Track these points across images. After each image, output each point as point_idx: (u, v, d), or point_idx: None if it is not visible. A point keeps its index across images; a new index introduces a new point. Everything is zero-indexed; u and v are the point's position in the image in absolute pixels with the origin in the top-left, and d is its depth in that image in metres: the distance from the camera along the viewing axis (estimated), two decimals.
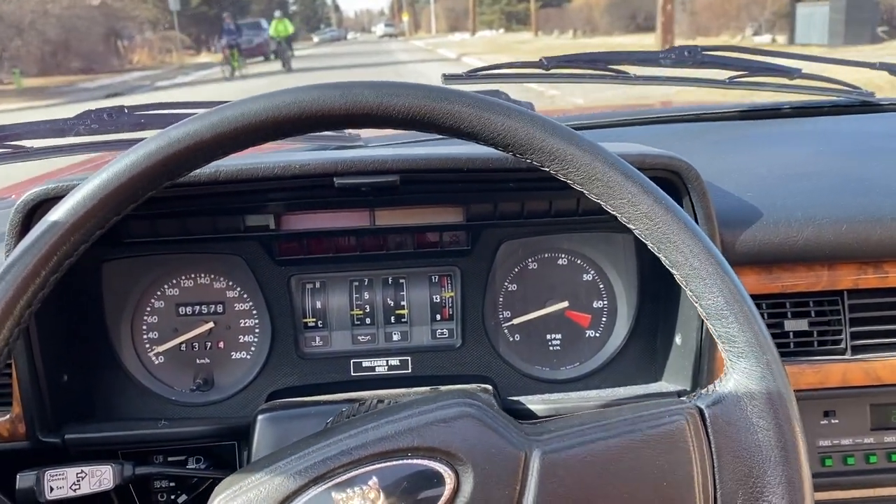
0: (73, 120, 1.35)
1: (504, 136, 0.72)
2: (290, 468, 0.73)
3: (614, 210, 0.73)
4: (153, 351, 1.30)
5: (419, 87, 0.72)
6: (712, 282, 0.71)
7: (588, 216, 1.28)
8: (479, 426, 0.73)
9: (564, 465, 0.72)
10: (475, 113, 0.71)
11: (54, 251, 0.68)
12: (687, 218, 0.73)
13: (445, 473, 0.72)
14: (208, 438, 1.21)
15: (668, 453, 0.72)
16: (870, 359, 1.23)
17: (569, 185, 0.74)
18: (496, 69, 1.57)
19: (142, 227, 1.23)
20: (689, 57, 1.61)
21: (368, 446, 0.72)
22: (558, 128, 0.72)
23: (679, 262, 0.72)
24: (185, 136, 0.69)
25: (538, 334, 1.35)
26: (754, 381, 0.71)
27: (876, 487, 1.31)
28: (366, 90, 0.70)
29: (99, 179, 0.69)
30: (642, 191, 0.72)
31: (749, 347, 0.71)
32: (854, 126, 1.74)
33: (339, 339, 1.32)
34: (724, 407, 0.72)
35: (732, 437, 0.71)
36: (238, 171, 1.09)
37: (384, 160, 1.12)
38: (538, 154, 0.72)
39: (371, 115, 0.71)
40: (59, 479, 1.07)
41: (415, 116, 0.71)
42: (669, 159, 1.13)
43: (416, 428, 0.73)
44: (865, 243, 1.20)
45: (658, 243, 0.73)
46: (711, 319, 0.72)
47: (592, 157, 0.72)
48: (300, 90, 0.71)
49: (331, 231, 1.28)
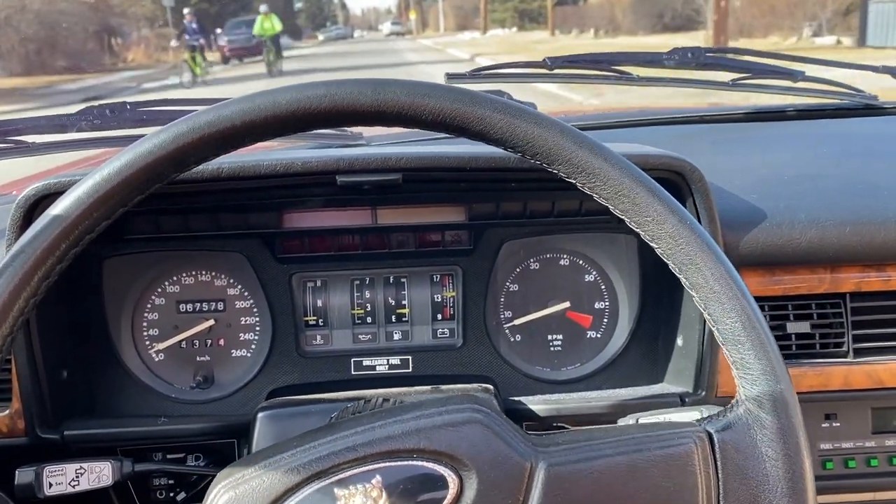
0: (74, 115, 1.35)
1: (533, 144, 0.71)
2: (294, 461, 0.72)
3: (638, 227, 0.73)
4: (153, 348, 1.30)
5: (451, 90, 0.71)
6: (731, 307, 0.71)
7: (590, 216, 1.28)
8: (486, 433, 0.73)
9: (569, 479, 0.71)
10: (505, 119, 0.70)
11: (61, 241, 0.68)
12: (711, 241, 0.73)
13: (449, 478, 0.72)
14: (208, 436, 1.21)
15: (675, 476, 0.71)
16: (872, 362, 1.23)
17: (594, 197, 0.74)
18: (499, 69, 1.57)
19: (143, 223, 1.23)
20: (692, 58, 1.61)
21: (374, 444, 0.72)
22: (587, 140, 0.72)
23: (700, 284, 0.72)
24: (214, 121, 0.69)
25: (539, 335, 1.35)
26: (766, 410, 0.71)
27: (877, 491, 1.30)
28: (399, 88, 0.70)
29: (109, 169, 0.69)
30: (669, 210, 0.72)
31: (763, 376, 0.71)
32: (857, 129, 1.74)
33: (339, 338, 1.32)
34: (734, 433, 0.72)
35: (740, 464, 0.71)
36: (241, 168, 1.09)
37: (387, 158, 1.11)
38: (566, 165, 0.72)
39: (402, 114, 0.70)
40: (57, 475, 1.06)
41: (445, 119, 0.70)
42: (673, 160, 1.13)
43: (423, 430, 0.73)
44: (869, 246, 1.19)
45: (680, 264, 0.72)
46: (727, 345, 0.72)
47: (621, 173, 0.72)
48: (330, 84, 0.70)
49: (333, 229, 1.28)
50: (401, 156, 1.12)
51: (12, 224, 1.07)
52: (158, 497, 1.26)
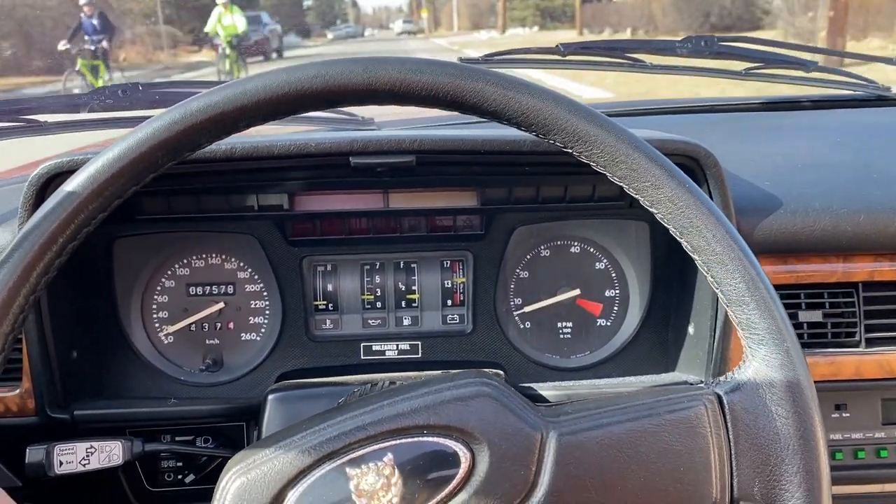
0: (87, 95, 1.35)
1: (528, 115, 0.71)
2: (305, 443, 0.72)
3: (637, 193, 0.73)
4: (163, 330, 1.30)
5: (444, 64, 0.71)
6: (734, 267, 0.70)
7: (602, 202, 1.27)
8: (495, 406, 0.73)
9: (581, 448, 0.71)
10: (499, 91, 0.70)
11: (72, 219, 0.67)
12: (710, 203, 0.72)
13: (461, 452, 0.71)
14: (217, 418, 1.21)
15: (686, 439, 0.71)
16: (884, 352, 1.23)
17: (591, 166, 0.73)
18: (512, 54, 1.56)
19: (155, 203, 1.23)
20: (705, 47, 1.60)
21: (384, 422, 0.72)
22: (582, 108, 0.71)
23: (701, 247, 0.71)
24: (206, 107, 0.69)
25: (549, 322, 1.34)
26: (774, 368, 0.70)
27: (886, 482, 1.30)
28: (389, 65, 0.69)
29: (119, 148, 0.69)
30: (666, 174, 0.71)
31: (769, 334, 0.70)
32: (870, 119, 1.73)
33: (349, 323, 1.32)
34: (743, 394, 0.72)
35: (750, 424, 0.71)
36: (254, 149, 1.09)
37: (401, 140, 1.11)
38: (561, 134, 0.71)
39: (394, 90, 0.70)
40: (68, 454, 1.06)
41: (438, 93, 0.70)
42: (688, 145, 1.12)
43: (432, 406, 0.72)
44: (882, 235, 1.19)
45: (681, 228, 0.72)
46: (732, 306, 0.72)
47: (617, 139, 0.71)
48: (323, 64, 0.70)
49: (344, 212, 1.28)
50: (414, 138, 1.11)
51: (25, 202, 1.07)
52: (167, 479, 1.26)
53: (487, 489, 0.70)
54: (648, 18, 29.52)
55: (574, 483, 0.71)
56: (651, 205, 0.72)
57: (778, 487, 0.70)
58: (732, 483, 0.71)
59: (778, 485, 0.69)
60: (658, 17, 28.52)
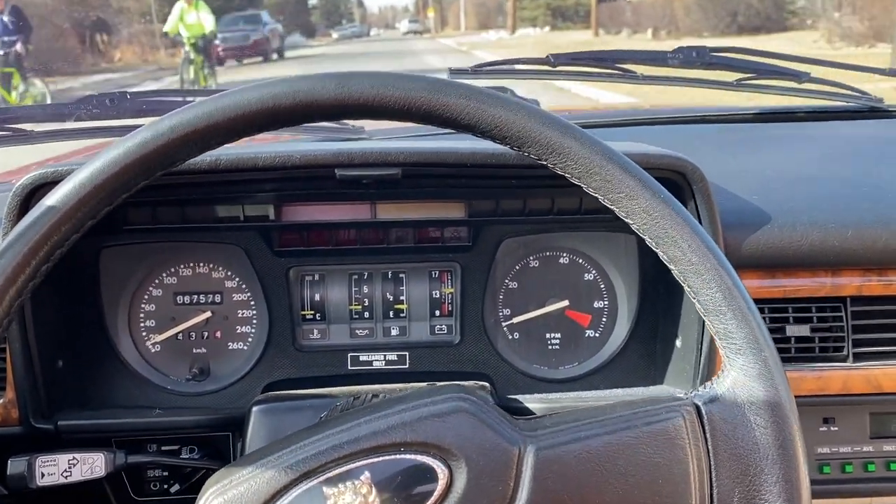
0: (73, 104, 1.35)
1: (501, 128, 0.71)
2: (282, 462, 0.72)
3: (612, 204, 0.72)
4: (150, 339, 1.29)
5: (416, 79, 0.71)
6: (710, 277, 0.70)
7: (590, 215, 1.27)
8: (473, 421, 0.72)
9: (559, 462, 0.71)
10: (472, 105, 0.70)
11: (44, 241, 0.67)
12: (686, 213, 0.72)
13: (438, 468, 0.71)
14: (203, 428, 1.21)
15: (665, 451, 0.71)
16: (871, 367, 1.22)
17: (566, 178, 0.73)
18: (502, 65, 1.56)
19: (141, 214, 1.22)
20: (696, 58, 1.60)
21: (360, 441, 0.72)
22: (555, 120, 0.71)
23: (677, 257, 0.71)
24: (177, 126, 0.68)
25: (538, 333, 1.34)
26: (752, 378, 0.70)
27: (873, 496, 1.30)
28: (364, 80, 0.69)
29: (91, 168, 0.68)
30: (641, 185, 0.71)
31: (747, 344, 0.70)
32: (862, 131, 1.73)
33: (336, 333, 1.32)
34: (722, 404, 0.71)
35: (729, 434, 0.70)
36: (238, 160, 1.08)
37: (386, 153, 1.11)
38: (535, 147, 0.71)
39: (367, 105, 0.70)
40: (50, 466, 1.06)
41: (411, 108, 0.70)
42: (674, 159, 1.12)
43: (408, 423, 0.72)
44: (871, 250, 1.19)
45: (656, 238, 0.72)
46: (709, 315, 0.72)
47: (591, 151, 0.71)
48: (296, 79, 0.70)
49: (331, 223, 1.27)
50: (400, 150, 1.11)
51: (9, 212, 1.06)
52: (152, 489, 1.26)
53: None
54: (670, 18, 27.70)
55: (552, 497, 0.70)
56: (626, 216, 0.72)
57: (758, 498, 0.69)
58: (712, 494, 0.71)
59: (758, 495, 0.69)
60: (680, 17, 26.83)
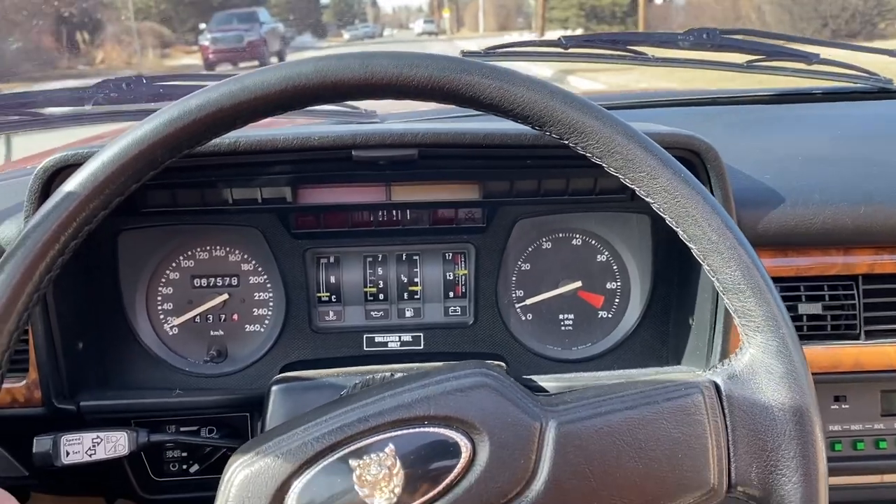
0: (91, 89, 1.36)
1: (523, 107, 0.71)
2: (308, 435, 0.73)
3: (633, 183, 0.73)
4: (168, 322, 1.31)
5: (439, 58, 0.71)
6: (730, 255, 0.71)
7: (604, 196, 1.28)
8: (495, 396, 0.73)
9: (580, 436, 0.72)
10: (494, 84, 0.70)
11: (74, 217, 0.68)
12: (706, 192, 0.72)
13: (461, 442, 0.72)
14: (221, 409, 1.22)
15: (684, 426, 0.72)
16: (883, 344, 1.23)
17: (587, 158, 0.74)
18: (514, 47, 1.56)
19: (159, 196, 1.24)
20: (707, 39, 1.60)
21: (385, 414, 0.73)
22: (578, 100, 0.72)
23: (697, 236, 0.72)
24: (204, 105, 0.69)
25: (551, 314, 1.35)
26: (770, 355, 0.71)
27: (885, 473, 1.31)
28: (385, 60, 0.70)
29: (118, 146, 0.69)
30: (662, 164, 0.72)
31: (765, 322, 0.71)
32: (872, 112, 1.73)
33: (352, 314, 1.33)
34: (740, 381, 0.72)
35: (747, 411, 0.71)
36: (257, 142, 1.09)
37: (402, 134, 1.12)
38: (557, 126, 0.72)
39: (391, 85, 0.70)
40: (75, 444, 1.08)
41: (434, 87, 0.70)
42: (689, 138, 1.13)
43: (432, 396, 0.73)
44: (882, 227, 1.19)
45: (676, 217, 0.73)
46: (728, 294, 0.72)
47: (612, 130, 0.71)
48: (319, 59, 0.70)
49: (347, 205, 1.29)
50: (416, 132, 1.12)
51: (30, 195, 1.07)
52: (171, 469, 1.27)
53: (488, 478, 0.71)
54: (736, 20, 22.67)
55: (573, 471, 0.71)
56: (647, 195, 0.73)
57: (775, 473, 0.70)
58: (730, 469, 0.72)
59: (775, 470, 0.70)
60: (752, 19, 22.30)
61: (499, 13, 61.38)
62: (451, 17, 70.58)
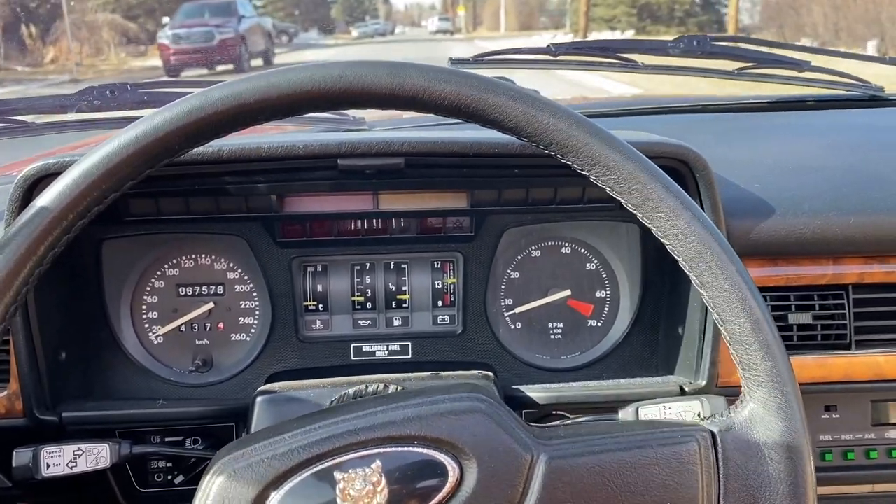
0: (75, 96, 1.34)
1: (548, 134, 0.70)
2: (295, 442, 0.72)
3: (649, 222, 0.73)
4: (153, 331, 1.29)
5: (468, 76, 0.71)
6: (741, 307, 0.70)
7: (592, 204, 1.27)
8: (488, 423, 0.73)
9: (570, 473, 0.71)
10: (521, 108, 0.70)
11: (53, 227, 0.67)
12: (723, 240, 0.72)
13: (449, 466, 0.71)
14: (206, 419, 1.21)
15: (676, 474, 0.71)
16: (873, 354, 1.23)
17: (606, 190, 0.73)
18: (503, 55, 1.56)
19: (143, 205, 1.22)
20: (697, 47, 1.60)
21: (376, 429, 0.72)
22: (603, 132, 0.71)
23: (710, 283, 0.71)
24: (202, 106, 0.68)
25: (540, 323, 1.34)
26: (771, 412, 0.71)
27: (876, 483, 1.30)
28: (414, 72, 0.69)
29: (99, 155, 0.68)
30: (682, 206, 0.71)
31: (770, 378, 0.71)
32: (863, 120, 1.73)
33: (339, 323, 1.32)
34: (737, 434, 0.72)
35: (742, 465, 0.71)
36: (242, 151, 1.08)
37: (389, 142, 1.10)
38: (580, 157, 0.71)
39: (417, 98, 0.70)
40: (55, 457, 1.06)
41: (460, 105, 0.70)
42: (678, 147, 1.12)
43: (425, 417, 0.72)
44: (872, 237, 1.19)
45: (690, 262, 0.72)
46: (734, 344, 0.72)
47: (636, 167, 0.71)
48: (337, 65, 0.69)
49: (334, 214, 1.27)
50: (403, 140, 1.11)
51: (11, 203, 1.06)
52: (156, 480, 1.26)
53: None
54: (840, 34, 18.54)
55: None
56: (663, 236, 0.72)
57: None
58: None
59: None
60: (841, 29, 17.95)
61: (521, 11, 56.97)
62: (467, 15, 65.62)
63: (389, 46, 32.35)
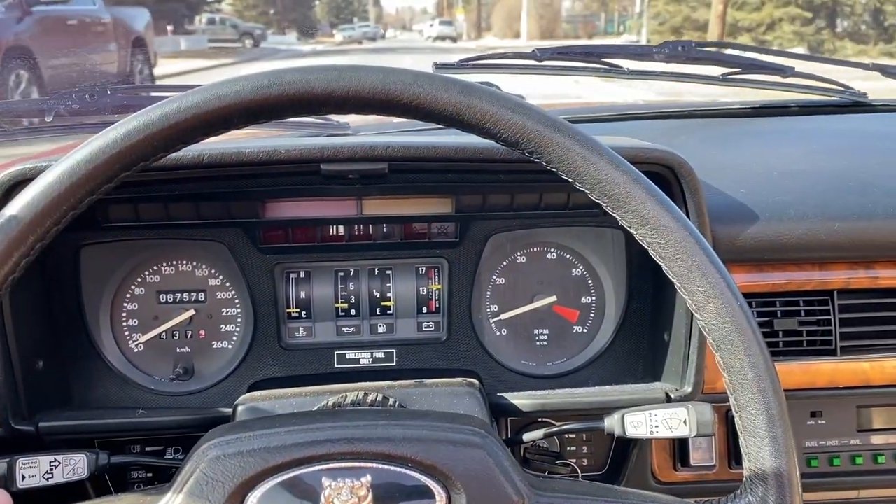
0: (52, 100, 1.32)
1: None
2: (291, 438, 0.71)
3: (684, 293, 0.71)
4: (132, 339, 1.27)
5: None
6: (759, 398, 0.69)
7: (578, 210, 1.26)
8: (486, 459, 0.72)
9: None
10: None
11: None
12: (756, 327, 0.70)
13: (437, 493, 0.71)
14: (187, 428, 1.19)
15: None
16: (858, 360, 1.23)
17: (650, 252, 0.72)
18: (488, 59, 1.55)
19: (122, 211, 1.20)
20: (682, 52, 1.60)
21: (373, 442, 0.71)
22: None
23: (735, 368, 0.70)
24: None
25: (525, 329, 1.33)
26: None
27: (861, 489, 1.30)
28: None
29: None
30: (722, 285, 0.70)
31: (774, 476, 0.70)
32: (847, 126, 1.74)
33: (322, 331, 1.30)
34: None
35: None
36: (222, 156, 1.07)
37: (373, 147, 1.09)
38: (631, 214, 0.70)
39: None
40: (31, 468, 1.03)
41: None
42: (663, 153, 1.12)
43: (424, 440, 0.72)
44: (857, 243, 1.19)
45: (720, 343, 0.71)
46: (746, 434, 0.71)
47: (685, 233, 0.70)
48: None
49: (317, 219, 1.26)
50: (387, 145, 1.10)
51: None
52: (136, 489, 1.24)
53: None
54: None
55: None
56: (697, 310, 0.71)
57: None
58: None
59: None
60: None
61: (542, 16, 48.41)
62: (468, 20, 60.07)
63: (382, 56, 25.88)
